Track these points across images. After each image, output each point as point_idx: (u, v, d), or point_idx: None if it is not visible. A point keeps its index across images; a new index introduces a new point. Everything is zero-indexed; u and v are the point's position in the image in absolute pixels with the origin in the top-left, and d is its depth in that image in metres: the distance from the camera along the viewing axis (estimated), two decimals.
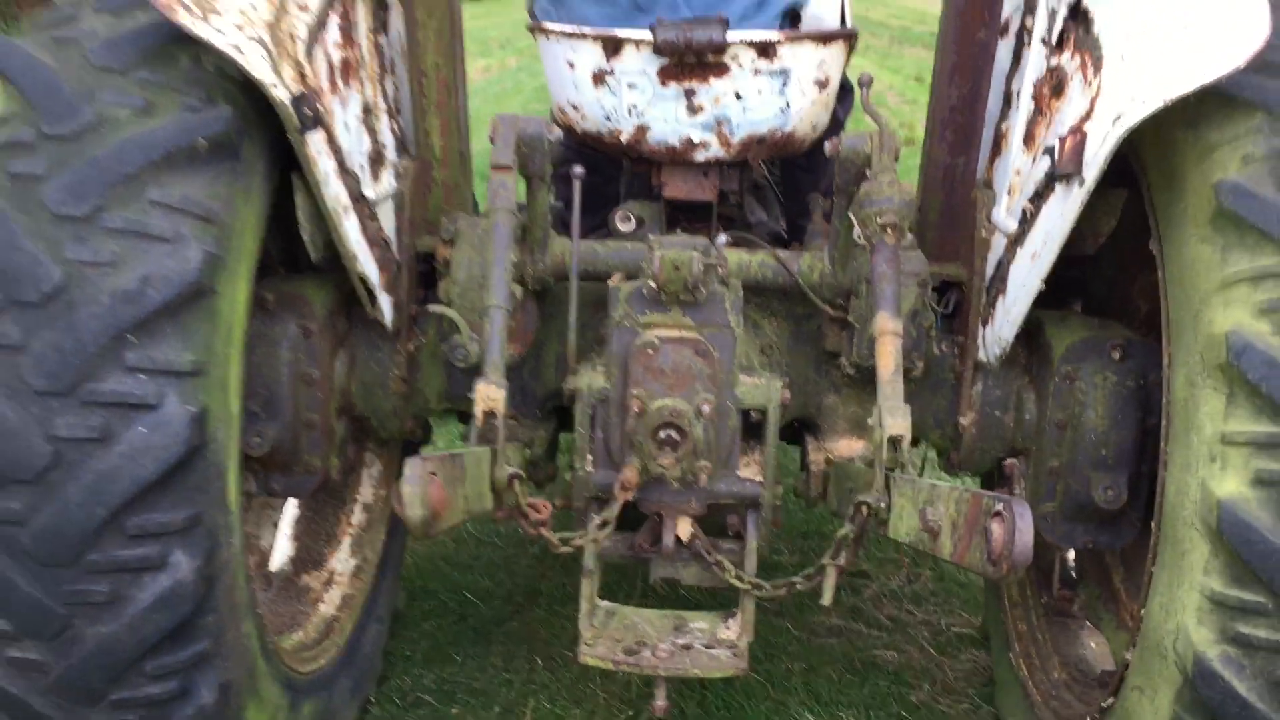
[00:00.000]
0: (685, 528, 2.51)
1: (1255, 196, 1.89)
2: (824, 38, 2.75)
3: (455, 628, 3.41)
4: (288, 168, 2.29)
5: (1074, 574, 3.05)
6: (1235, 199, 1.91)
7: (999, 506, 1.81)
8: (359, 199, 2.45)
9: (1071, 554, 3.07)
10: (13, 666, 1.98)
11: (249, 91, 2.05)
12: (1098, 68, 2.15)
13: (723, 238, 2.78)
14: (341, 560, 3.17)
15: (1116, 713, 2.19)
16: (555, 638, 3.34)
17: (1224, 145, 1.98)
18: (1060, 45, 2.36)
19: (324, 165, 2.23)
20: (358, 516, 3.27)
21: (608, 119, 2.78)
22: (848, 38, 2.83)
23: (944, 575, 3.73)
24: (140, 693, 2.00)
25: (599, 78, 2.73)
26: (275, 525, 3.16)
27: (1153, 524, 2.11)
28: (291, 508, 3.22)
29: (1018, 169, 2.49)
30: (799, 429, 2.86)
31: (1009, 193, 2.52)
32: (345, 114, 2.40)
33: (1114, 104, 2.03)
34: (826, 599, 2.29)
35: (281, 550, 3.14)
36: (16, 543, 1.87)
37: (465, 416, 2.99)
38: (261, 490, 2.67)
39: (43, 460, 1.84)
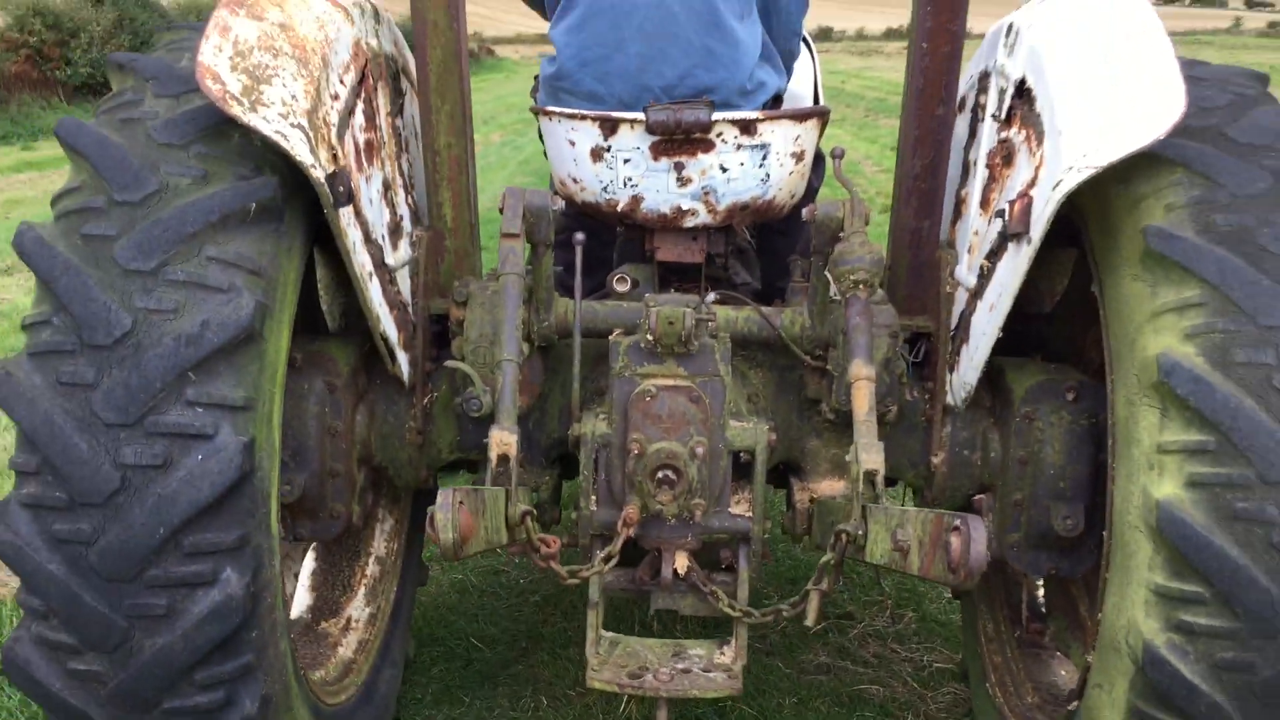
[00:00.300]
0: (682, 561, 2.72)
1: (1178, 238, 2.18)
2: (799, 115, 3.04)
3: (463, 672, 3.59)
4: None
5: (1043, 608, 3.28)
6: (1160, 241, 2.19)
7: (956, 522, 2.06)
8: (381, 266, 2.71)
9: (1041, 591, 3.30)
10: (74, 679, 2.18)
11: (290, 165, 2.32)
12: (1040, 140, 2.44)
13: (711, 296, 3.04)
14: (357, 608, 3.37)
15: (1081, 713, 2.42)
16: (558, 678, 3.52)
17: (1150, 196, 2.27)
18: (1009, 120, 2.66)
19: (352, 236, 2.49)
20: (371, 568, 3.48)
21: (605, 190, 3.05)
22: (820, 115, 3.12)
23: (925, 616, 3.94)
24: (189, 702, 2.20)
25: (597, 154, 3.00)
26: (295, 576, 3.38)
27: (1104, 533, 2.36)
28: (309, 561, 3.44)
29: (976, 230, 2.77)
30: (784, 471, 3.09)
31: (969, 251, 2.79)
32: (369, 190, 2.67)
33: (1054, 172, 2.31)
34: (811, 619, 2.50)
35: (301, 599, 3.35)
36: (84, 561, 2.09)
37: (473, 466, 3.23)
38: (289, 535, 2.88)
39: (111, 485, 2.07)
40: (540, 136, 3.27)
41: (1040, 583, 3.29)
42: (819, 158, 3.45)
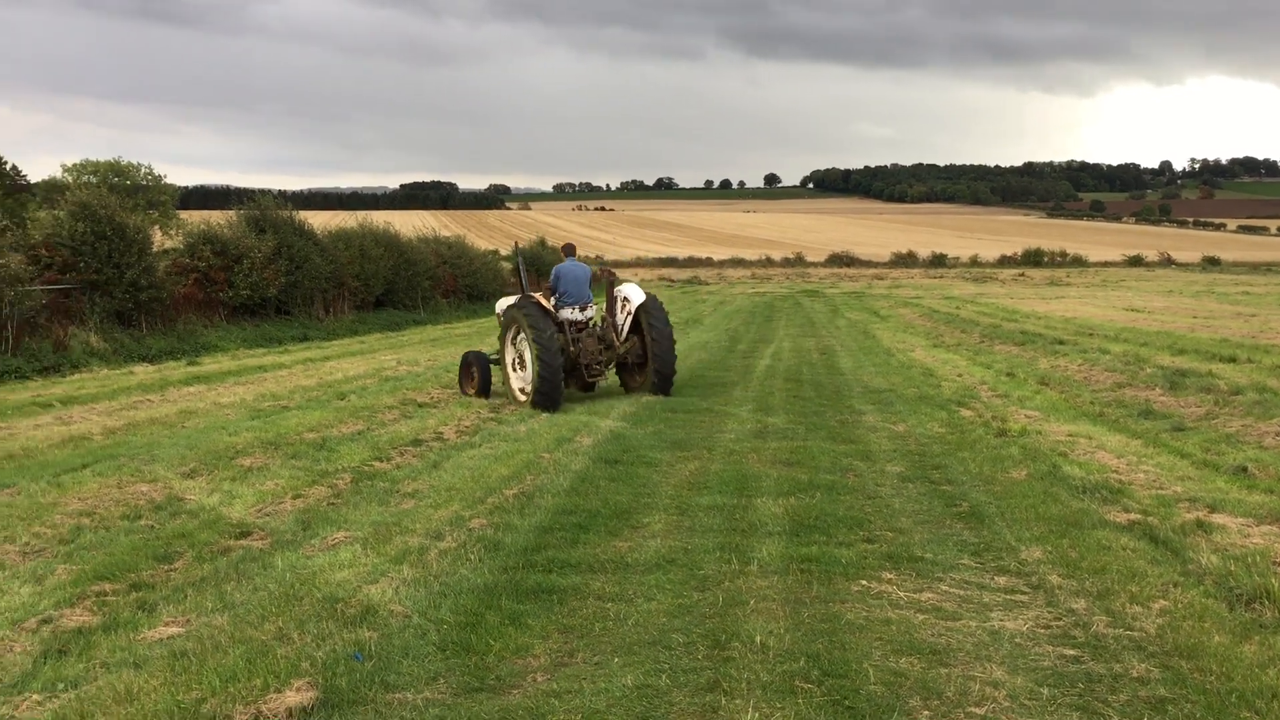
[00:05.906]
0: (596, 370, 20.00)
1: (649, 316, 19.92)
2: (594, 306, 20.66)
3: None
4: None
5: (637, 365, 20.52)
6: (643, 314, 20.03)
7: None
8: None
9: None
10: (547, 367, 19.75)
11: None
12: (629, 303, 20.06)
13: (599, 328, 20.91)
14: None
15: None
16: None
17: (640, 314, 20.10)
18: (623, 302, 20.47)
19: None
20: None
21: (570, 317, 20.21)
22: (598, 307, 20.91)
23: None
24: (555, 377, 19.87)
25: (570, 312, 20.44)
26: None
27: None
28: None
29: (620, 316, 20.39)
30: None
31: (621, 321, 20.44)
32: None
33: (627, 309, 19.98)
34: (604, 380, 20.34)
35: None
36: (550, 359, 19.70)
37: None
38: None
39: (548, 362, 19.68)
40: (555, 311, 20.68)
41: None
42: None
